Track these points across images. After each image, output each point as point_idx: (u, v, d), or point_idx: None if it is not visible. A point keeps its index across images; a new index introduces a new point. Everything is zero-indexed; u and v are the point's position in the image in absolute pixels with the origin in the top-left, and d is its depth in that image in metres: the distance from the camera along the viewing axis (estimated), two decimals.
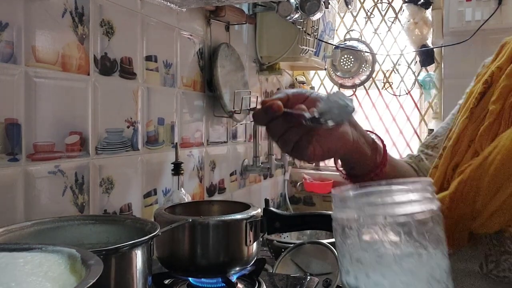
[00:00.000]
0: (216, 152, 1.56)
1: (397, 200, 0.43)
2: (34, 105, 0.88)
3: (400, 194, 0.44)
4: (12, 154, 0.83)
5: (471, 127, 0.67)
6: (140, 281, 0.68)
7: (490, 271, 0.60)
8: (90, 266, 0.48)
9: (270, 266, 1.23)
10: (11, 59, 0.83)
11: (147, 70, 1.19)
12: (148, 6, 1.18)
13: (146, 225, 0.77)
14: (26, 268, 0.47)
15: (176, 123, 1.32)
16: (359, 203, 0.44)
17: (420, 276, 0.43)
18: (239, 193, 1.73)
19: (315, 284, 1.01)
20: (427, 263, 0.43)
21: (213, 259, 0.90)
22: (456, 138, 0.68)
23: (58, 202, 0.93)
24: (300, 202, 2.30)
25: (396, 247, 0.42)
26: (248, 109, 1.62)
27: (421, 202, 0.44)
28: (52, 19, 0.92)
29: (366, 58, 2.20)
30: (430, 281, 0.43)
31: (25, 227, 0.73)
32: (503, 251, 0.59)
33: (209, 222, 0.89)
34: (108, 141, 1.06)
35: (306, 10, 1.58)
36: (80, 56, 0.98)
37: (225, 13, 1.46)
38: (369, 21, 2.25)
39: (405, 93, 2.21)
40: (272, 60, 1.86)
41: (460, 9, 1.90)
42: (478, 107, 0.68)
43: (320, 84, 2.37)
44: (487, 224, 0.59)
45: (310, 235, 1.51)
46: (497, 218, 0.58)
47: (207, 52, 1.48)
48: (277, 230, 0.96)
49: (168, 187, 1.27)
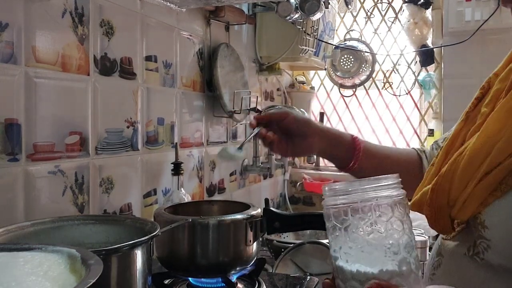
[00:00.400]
0: (216, 152, 1.56)
1: (364, 189, 0.56)
2: (34, 105, 0.88)
3: (368, 185, 0.57)
4: (12, 154, 0.83)
5: (465, 128, 0.74)
6: (140, 281, 0.68)
7: (475, 254, 0.67)
8: (90, 266, 0.48)
9: (270, 266, 1.23)
10: (11, 59, 0.83)
11: (147, 70, 1.20)
12: (148, 6, 1.19)
13: (146, 225, 0.77)
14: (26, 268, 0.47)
15: (176, 123, 1.32)
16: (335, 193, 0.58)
17: (379, 248, 0.55)
18: (239, 193, 1.73)
19: (315, 284, 1.01)
20: (384, 239, 0.55)
21: (213, 259, 0.90)
22: (451, 139, 0.75)
23: (58, 202, 0.93)
24: (300, 202, 2.30)
25: (360, 226, 0.56)
26: (248, 109, 1.62)
27: (384, 191, 0.56)
28: (52, 19, 0.92)
29: (366, 58, 2.20)
30: (387, 252, 0.55)
31: (25, 227, 0.73)
32: (478, 235, 0.66)
33: (209, 222, 0.89)
34: (108, 141, 1.06)
35: (306, 10, 1.58)
36: (80, 56, 0.98)
37: (225, 13, 1.46)
38: (369, 21, 2.25)
39: (405, 93, 2.21)
40: (272, 60, 1.86)
41: (460, 9, 1.90)
42: (474, 110, 0.75)
43: (320, 84, 2.38)
44: (462, 212, 0.66)
45: (310, 235, 1.51)
46: (468, 206, 0.65)
47: (206, 52, 1.48)
48: (277, 230, 0.96)
49: (168, 187, 1.27)
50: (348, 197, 0.57)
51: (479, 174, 0.64)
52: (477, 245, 0.66)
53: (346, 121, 2.35)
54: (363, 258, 0.56)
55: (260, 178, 1.94)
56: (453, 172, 0.67)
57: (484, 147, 0.65)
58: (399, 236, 0.55)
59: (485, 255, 0.65)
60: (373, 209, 0.55)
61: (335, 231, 0.58)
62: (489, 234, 0.64)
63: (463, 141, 0.72)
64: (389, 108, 2.27)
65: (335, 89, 2.34)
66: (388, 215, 0.55)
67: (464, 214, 0.66)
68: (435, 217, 0.69)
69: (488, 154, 0.64)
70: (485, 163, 0.64)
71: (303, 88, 2.26)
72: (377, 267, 0.55)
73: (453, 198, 0.66)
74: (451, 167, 0.68)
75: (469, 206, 0.65)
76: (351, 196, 0.57)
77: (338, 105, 2.36)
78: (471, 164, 0.65)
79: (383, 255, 0.55)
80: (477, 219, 0.65)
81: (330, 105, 2.38)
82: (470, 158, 0.65)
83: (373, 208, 0.55)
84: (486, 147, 0.64)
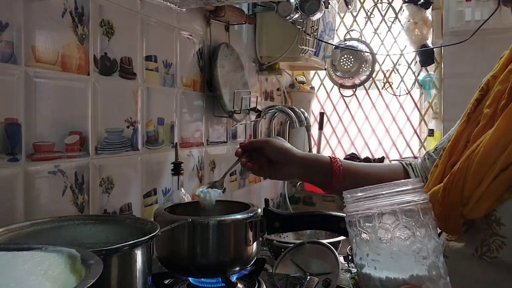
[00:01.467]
0: (216, 152, 1.56)
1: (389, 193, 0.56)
2: (34, 105, 0.88)
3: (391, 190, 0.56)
4: (12, 154, 0.83)
5: (468, 129, 0.75)
6: (140, 281, 0.68)
7: (484, 253, 0.67)
8: (90, 266, 0.48)
9: (270, 266, 1.23)
10: (11, 59, 0.83)
11: (147, 70, 1.19)
12: (148, 6, 1.19)
13: (146, 225, 0.77)
14: (26, 267, 0.47)
15: (176, 123, 1.32)
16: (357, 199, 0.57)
17: (408, 253, 0.54)
18: (239, 193, 1.73)
19: (315, 284, 1.01)
20: (412, 243, 0.54)
21: (213, 259, 0.90)
22: (454, 139, 0.76)
23: (58, 202, 0.93)
24: (300, 202, 2.30)
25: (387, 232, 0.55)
26: (248, 109, 1.62)
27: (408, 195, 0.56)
28: (52, 19, 0.92)
29: (366, 58, 2.20)
30: (416, 257, 0.54)
31: (25, 227, 0.73)
32: (491, 233, 0.66)
33: (209, 222, 0.89)
34: (108, 141, 1.06)
35: (306, 10, 1.58)
36: (80, 56, 0.98)
37: (225, 13, 1.46)
38: (369, 21, 2.25)
39: (405, 93, 2.21)
40: (272, 60, 1.86)
41: (460, 9, 1.90)
42: (475, 112, 0.76)
43: (320, 84, 2.38)
44: (475, 209, 0.66)
45: (310, 235, 1.51)
46: (483, 203, 0.65)
47: (206, 52, 1.48)
48: (277, 230, 0.96)
49: (168, 187, 1.27)
50: (372, 203, 0.56)
51: (494, 171, 0.64)
52: (490, 243, 0.66)
53: (346, 121, 2.35)
54: (392, 265, 0.54)
55: (260, 178, 1.94)
56: (466, 169, 0.67)
57: (499, 144, 0.65)
58: (427, 241, 0.54)
59: (499, 253, 0.65)
60: (398, 214, 0.55)
61: (361, 239, 0.57)
62: (505, 231, 0.64)
63: (467, 142, 0.73)
64: (389, 108, 2.27)
65: (335, 89, 2.34)
66: (414, 220, 0.55)
67: (478, 211, 0.66)
68: (446, 216, 0.69)
69: (503, 150, 0.64)
70: (501, 160, 0.64)
71: (303, 88, 2.26)
72: (407, 273, 0.54)
73: (467, 195, 0.66)
74: (464, 165, 0.67)
75: (484, 203, 0.65)
76: (375, 202, 0.56)
77: (338, 105, 2.36)
78: (485, 161, 0.65)
79: (413, 260, 0.54)
80: (492, 217, 0.65)
81: (330, 105, 2.38)
82: (485, 155, 0.65)
83: (398, 213, 0.55)
84: (501, 144, 0.64)
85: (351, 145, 2.35)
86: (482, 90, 0.77)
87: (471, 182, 0.66)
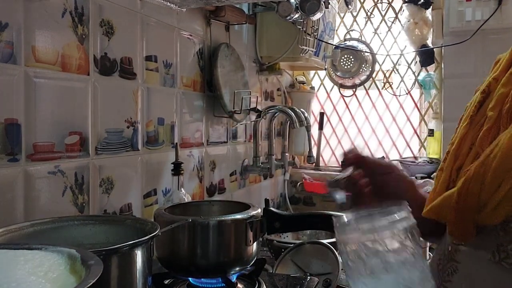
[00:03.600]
0: (216, 152, 1.56)
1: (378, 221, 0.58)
2: (34, 105, 0.88)
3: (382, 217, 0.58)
4: (12, 154, 0.83)
5: (472, 132, 0.74)
6: (140, 281, 0.68)
7: (502, 259, 0.65)
8: (90, 266, 0.48)
9: (270, 266, 1.23)
10: (11, 59, 0.83)
11: (147, 70, 1.19)
12: (148, 6, 1.18)
13: (146, 225, 0.77)
14: (26, 267, 0.47)
15: (176, 123, 1.32)
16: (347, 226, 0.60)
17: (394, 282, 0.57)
18: (239, 193, 1.73)
19: (315, 284, 1.01)
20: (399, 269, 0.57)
21: (213, 259, 0.90)
22: (458, 142, 0.75)
23: (58, 202, 0.93)
24: (300, 202, 2.29)
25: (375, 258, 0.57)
26: (248, 109, 1.62)
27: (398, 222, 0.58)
28: (52, 19, 0.91)
29: (366, 58, 2.20)
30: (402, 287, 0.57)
31: (25, 227, 0.73)
32: (509, 241, 0.64)
33: (209, 222, 0.89)
34: (108, 141, 1.06)
35: (306, 10, 1.58)
36: (80, 56, 0.98)
37: (225, 13, 1.46)
38: (369, 21, 2.25)
39: (405, 93, 2.21)
40: (272, 60, 1.86)
41: (460, 9, 1.90)
42: (477, 114, 0.75)
43: (320, 84, 2.37)
44: (492, 216, 0.64)
45: (310, 235, 1.51)
46: (501, 210, 0.63)
47: (207, 52, 1.48)
48: (277, 230, 0.96)
49: (168, 187, 1.27)
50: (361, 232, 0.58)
51: None
52: (508, 250, 0.64)
53: (346, 121, 2.35)
54: None
55: (260, 178, 1.94)
56: (483, 174, 0.65)
57: None
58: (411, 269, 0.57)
59: None
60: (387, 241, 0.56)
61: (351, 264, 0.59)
62: None
63: (471, 145, 0.72)
64: (389, 108, 2.27)
65: (335, 89, 2.34)
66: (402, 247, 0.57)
67: (495, 218, 0.64)
68: (459, 221, 0.67)
69: None
70: None
71: (303, 88, 2.26)
72: None
73: (483, 200, 0.64)
74: (480, 170, 0.66)
75: (501, 209, 0.63)
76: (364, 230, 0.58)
77: (338, 105, 2.36)
78: (504, 165, 0.63)
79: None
80: (510, 223, 0.64)
81: (330, 105, 2.38)
82: (503, 159, 0.63)
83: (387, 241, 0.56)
84: None
85: (351, 145, 2.35)
86: (484, 92, 0.77)
87: (489, 187, 0.64)
